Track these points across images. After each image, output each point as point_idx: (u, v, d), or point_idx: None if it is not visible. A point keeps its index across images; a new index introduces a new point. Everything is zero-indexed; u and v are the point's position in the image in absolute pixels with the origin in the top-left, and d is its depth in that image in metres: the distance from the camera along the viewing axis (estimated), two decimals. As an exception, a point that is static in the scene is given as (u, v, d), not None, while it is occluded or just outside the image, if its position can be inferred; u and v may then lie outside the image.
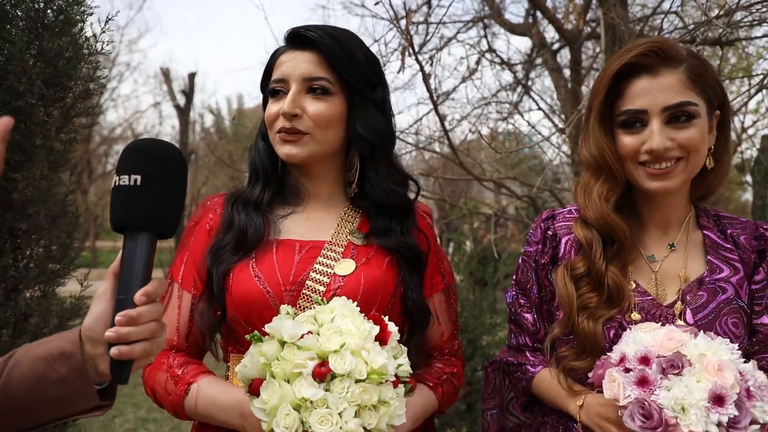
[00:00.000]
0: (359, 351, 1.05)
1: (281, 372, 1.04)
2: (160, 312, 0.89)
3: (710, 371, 1.06)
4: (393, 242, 1.32)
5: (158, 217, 0.89)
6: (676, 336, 1.13)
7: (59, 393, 0.89)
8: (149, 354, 0.88)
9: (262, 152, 1.37)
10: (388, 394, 1.05)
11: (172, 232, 0.92)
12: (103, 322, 0.88)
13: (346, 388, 1.02)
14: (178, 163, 0.92)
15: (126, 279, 0.87)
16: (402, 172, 1.40)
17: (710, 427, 1.03)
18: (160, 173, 0.89)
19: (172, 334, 1.32)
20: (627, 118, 1.26)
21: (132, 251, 0.88)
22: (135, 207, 0.87)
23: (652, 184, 1.26)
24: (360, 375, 1.03)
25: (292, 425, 1.01)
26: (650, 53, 1.24)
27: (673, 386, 1.07)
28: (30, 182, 1.80)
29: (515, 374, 1.45)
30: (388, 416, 1.05)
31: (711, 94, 1.27)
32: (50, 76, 1.77)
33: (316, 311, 1.13)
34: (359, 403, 1.02)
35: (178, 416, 1.27)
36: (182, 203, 0.92)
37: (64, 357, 0.89)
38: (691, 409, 1.04)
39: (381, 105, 1.36)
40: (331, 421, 1.00)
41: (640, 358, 1.11)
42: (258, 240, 1.29)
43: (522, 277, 1.44)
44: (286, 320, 1.10)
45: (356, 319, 1.10)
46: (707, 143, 1.28)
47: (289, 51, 1.32)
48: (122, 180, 0.88)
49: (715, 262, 1.31)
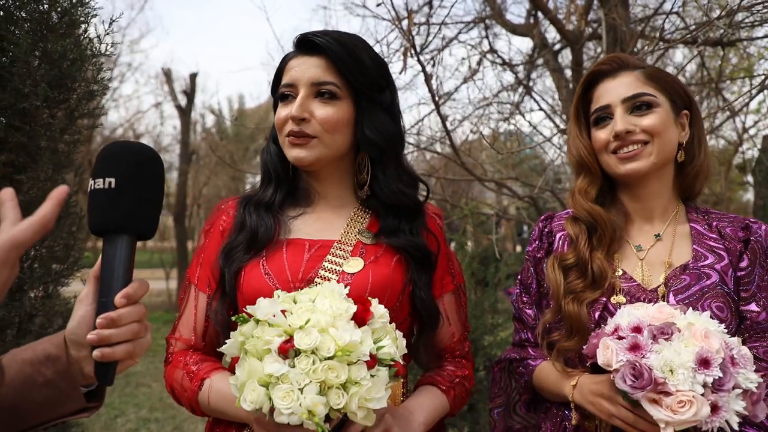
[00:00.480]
0: (327, 328, 1.03)
1: (253, 349, 1.05)
2: (140, 313, 0.89)
3: (697, 337, 1.13)
4: (402, 241, 1.34)
5: (135, 219, 0.89)
6: (667, 310, 1.21)
7: (46, 395, 0.91)
8: (132, 355, 0.88)
9: (274, 155, 1.40)
10: (360, 374, 1.02)
11: (152, 233, 0.92)
12: (85, 326, 0.88)
13: (310, 364, 1.00)
14: (152, 164, 0.91)
15: (107, 282, 0.88)
16: (411, 174, 1.42)
17: (696, 387, 1.08)
18: (134, 175, 0.88)
19: (190, 333, 1.36)
20: (597, 115, 1.44)
21: (111, 254, 0.88)
22: (111, 210, 0.88)
23: (622, 168, 1.39)
24: (328, 352, 1.01)
25: (257, 400, 1.00)
26: (610, 62, 1.45)
27: (662, 350, 1.13)
28: (35, 183, 1.81)
29: (518, 369, 1.51)
30: (359, 397, 1.01)
31: (672, 93, 1.42)
32: (54, 77, 1.78)
33: (297, 293, 1.12)
34: (323, 380, 1.00)
35: (194, 412, 1.29)
36: (160, 204, 0.92)
37: (50, 360, 0.91)
38: (679, 369, 1.10)
39: (389, 108, 1.38)
40: (292, 397, 0.99)
41: (633, 328, 1.18)
42: (268, 239, 1.32)
43: (524, 275, 1.55)
44: (264, 300, 1.11)
45: (335, 299, 1.09)
46: (673, 134, 1.41)
47: (297, 56, 1.34)
48: (97, 183, 0.88)
49: (700, 250, 1.39)
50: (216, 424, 1.34)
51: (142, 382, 6.11)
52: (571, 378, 1.34)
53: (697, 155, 1.45)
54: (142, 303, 0.90)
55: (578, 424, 1.35)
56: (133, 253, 0.90)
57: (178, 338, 1.38)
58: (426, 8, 3.65)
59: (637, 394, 1.12)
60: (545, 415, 1.47)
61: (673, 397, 1.09)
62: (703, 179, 1.47)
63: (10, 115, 1.75)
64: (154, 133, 14.01)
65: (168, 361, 1.37)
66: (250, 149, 13.25)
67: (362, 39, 1.38)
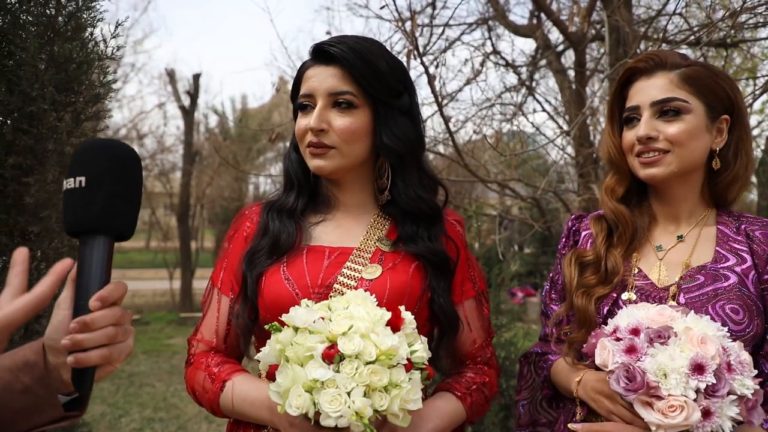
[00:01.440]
0: (368, 334, 1.07)
1: (294, 356, 1.08)
2: (117, 316, 0.85)
3: (693, 343, 1.13)
4: (420, 248, 1.35)
5: (109, 219, 0.85)
6: (667, 312, 1.21)
7: (24, 403, 0.88)
8: (110, 360, 0.85)
9: (295, 163, 1.42)
10: (400, 377, 1.07)
11: (129, 233, 0.88)
12: (62, 331, 0.85)
13: (354, 368, 1.04)
14: (126, 161, 0.87)
15: (84, 285, 0.84)
16: (432, 177, 1.43)
17: (688, 392, 1.09)
18: (106, 172, 0.85)
19: (212, 335, 1.38)
20: (627, 115, 1.42)
21: (88, 256, 0.85)
22: (83, 209, 0.84)
23: (642, 172, 1.39)
24: (369, 357, 1.05)
25: (302, 405, 1.03)
26: (648, 59, 1.40)
27: (657, 354, 1.13)
28: (42, 186, 1.82)
29: (539, 363, 1.54)
30: (400, 399, 1.06)
31: (711, 97, 1.36)
32: (61, 81, 1.79)
33: (330, 301, 1.17)
34: (368, 383, 1.04)
35: (215, 413, 1.31)
36: (136, 202, 0.89)
37: (28, 367, 0.88)
38: (672, 374, 1.10)
39: (408, 111, 1.38)
40: (339, 400, 1.02)
41: (631, 330, 1.19)
42: (290, 246, 1.34)
43: (553, 272, 1.57)
44: (300, 309, 1.14)
45: (368, 306, 1.13)
46: (702, 142, 1.36)
47: (314, 66, 1.34)
48: (68, 183, 0.85)
49: (722, 251, 1.37)
50: (236, 424, 1.36)
51: (146, 382, 6.13)
52: (577, 374, 1.35)
53: (733, 163, 1.40)
54: (121, 306, 0.87)
55: (583, 420, 1.35)
56: (110, 255, 0.86)
57: (200, 340, 1.39)
58: (429, 9, 3.66)
59: (629, 397, 1.14)
60: (563, 410, 1.49)
61: (665, 401, 1.09)
62: (739, 188, 1.42)
63: (18, 119, 1.76)
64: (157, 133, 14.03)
65: (189, 362, 1.39)
66: (253, 150, 13.28)
67: (378, 43, 1.38)
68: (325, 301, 1.17)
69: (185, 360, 1.42)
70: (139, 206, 0.90)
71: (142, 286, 12.45)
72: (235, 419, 1.35)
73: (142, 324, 9.34)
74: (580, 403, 1.35)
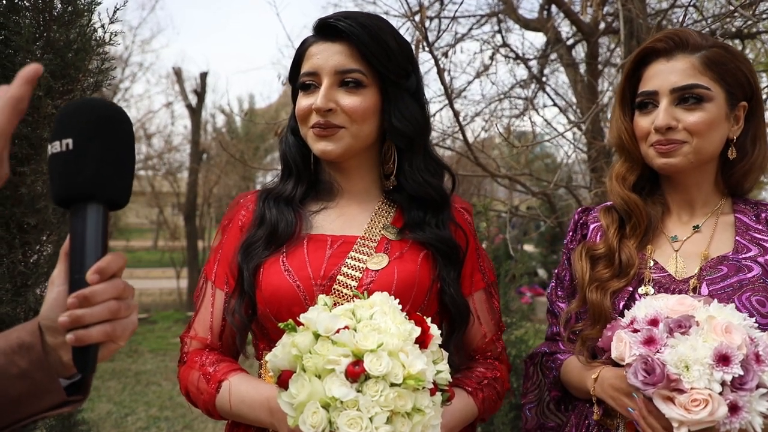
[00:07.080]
0: (397, 353, 0.98)
1: (313, 366, 0.98)
2: (119, 289, 0.78)
3: (717, 332, 1.05)
4: (428, 236, 1.27)
5: (102, 184, 0.77)
6: (687, 302, 1.13)
7: (22, 389, 0.81)
8: (113, 337, 0.77)
9: (293, 146, 1.33)
10: (424, 402, 0.98)
11: (124, 200, 0.80)
12: (58, 308, 0.78)
13: (379, 391, 0.95)
14: (116, 121, 0.79)
15: (77, 258, 0.77)
16: (438, 162, 1.35)
17: (713, 384, 1.00)
18: (94, 133, 0.76)
19: (206, 332, 1.30)
20: (642, 99, 1.33)
21: (81, 226, 0.77)
22: (72, 175, 0.76)
23: (658, 161, 1.31)
24: (396, 379, 0.96)
25: (319, 424, 0.94)
26: (667, 39, 1.31)
27: (678, 344, 1.05)
28: (38, 176, 1.77)
29: (547, 363, 1.46)
30: (421, 426, 0.98)
31: (732, 83, 1.29)
32: (58, 67, 1.74)
33: (355, 305, 1.06)
34: (392, 408, 0.95)
35: (211, 415, 1.23)
36: (130, 165, 0.80)
37: (23, 349, 0.81)
38: (695, 365, 1.01)
39: (415, 93, 1.31)
40: (360, 425, 0.93)
41: (649, 320, 1.11)
42: (289, 235, 1.26)
43: (559, 268, 1.50)
44: (322, 312, 1.04)
45: (397, 318, 1.03)
46: (722, 131, 1.30)
47: (318, 42, 1.26)
48: (54, 147, 0.76)
49: (742, 241, 1.30)
50: (235, 426, 1.29)
51: (152, 381, 6.10)
52: (593, 371, 1.28)
53: (750, 152, 1.34)
54: (122, 279, 0.79)
55: (600, 421, 1.29)
56: (105, 223, 0.79)
57: (194, 337, 1.31)
58: (437, 4, 3.60)
59: (648, 391, 1.05)
60: (573, 412, 1.42)
61: (687, 395, 1.01)
62: (755, 177, 1.36)
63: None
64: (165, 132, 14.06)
65: (182, 361, 1.31)
66: (261, 149, 13.25)
67: (386, 20, 1.31)
68: (348, 305, 1.07)
69: (178, 359, 1.34)
70: (133, 170, 0.82)
71: (150, 285, 12.46)
72: (233, 422, 1.27)
73: (150, 323, 9.32)
74: (597, 401, 1.27)
